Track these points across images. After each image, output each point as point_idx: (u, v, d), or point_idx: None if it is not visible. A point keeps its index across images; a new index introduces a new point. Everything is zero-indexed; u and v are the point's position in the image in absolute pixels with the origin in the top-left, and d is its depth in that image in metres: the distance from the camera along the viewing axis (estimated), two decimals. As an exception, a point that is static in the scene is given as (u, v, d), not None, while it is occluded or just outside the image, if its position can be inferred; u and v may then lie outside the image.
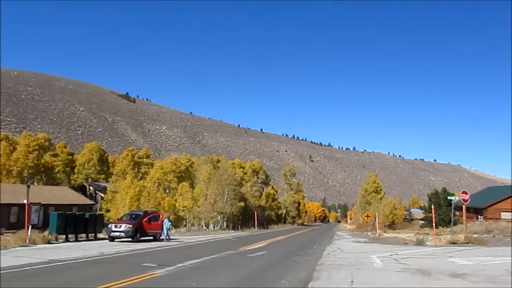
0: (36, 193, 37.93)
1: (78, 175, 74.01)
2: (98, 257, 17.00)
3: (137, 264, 14.55)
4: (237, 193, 61.11)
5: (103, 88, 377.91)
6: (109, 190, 61.05)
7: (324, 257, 18.19)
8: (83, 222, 27.80)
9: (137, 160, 76.62)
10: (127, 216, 29.55)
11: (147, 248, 22.22)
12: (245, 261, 16.90)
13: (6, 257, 15.97)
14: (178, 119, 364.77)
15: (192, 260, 15.73)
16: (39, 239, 23.66)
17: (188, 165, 69.68)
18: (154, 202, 50.56)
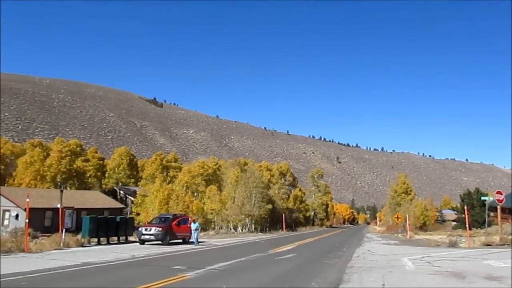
0: (69, 198, 38.99)
1: (109, 179, 75.55)
2: (129, 260, 17.30)
3: (168, 266, 14.73)
4: (265, 195, 61.10)
5: (132, 93, 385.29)
6: (138, 194, 62.04)
7: (354, 260, 17.98)
8: (115, 226, 28.33)
9: (165, 164, 77.69)
10: (157, 220, 29.94)
11: (177, 251, 22.47)
12: (274, 263, 16.87)
13: (41, 260, 16.46)
14: (205, 122, 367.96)
15: (221, 262, 15.82)
16: (73, 242, 24.24)
17: (215, 168, 70.13)
18: (182, 205, 51.07)
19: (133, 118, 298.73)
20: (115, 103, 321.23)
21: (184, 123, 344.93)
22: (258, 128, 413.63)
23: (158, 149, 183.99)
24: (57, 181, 62.21)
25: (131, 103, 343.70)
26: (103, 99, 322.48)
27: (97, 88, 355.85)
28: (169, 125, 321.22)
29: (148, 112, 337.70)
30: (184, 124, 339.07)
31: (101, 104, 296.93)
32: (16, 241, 20.86)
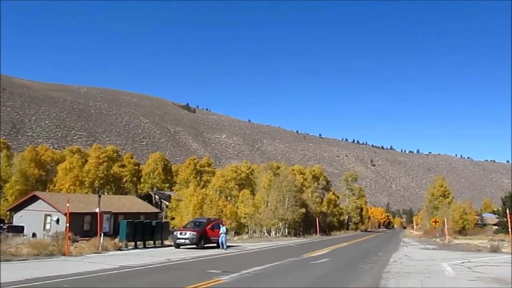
0: (106, 202, 39.97)
1: (144, 184, 77.05)
2: (165, 263, 17.59)
3: (203, 270, 14.89)
4: (298, 199, 60.78)
5: (165, 100, 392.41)
6: (173, 199, 62.96)
7: (391, 265, 17.64)
8: (150, 230, 28.85)
9: (199, 169, 78.59)
10: (191, 224, 30.30)
11: (211, 255, 22.66)
12: (309, 268, 16.76)
13: (82, 263, 16.96)
14: (237, 127, 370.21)
15: (255, 267, 15.85)
16: (111, 246, 24.85)
17: (248, 172, 70.35)
18: (216, 209, 51.47)
19: (167, 124, 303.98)
20: (150, 110, 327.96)
21: (217, 128, 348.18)
22: (290, 131, 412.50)
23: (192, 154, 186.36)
24: (95, 187, 63.87)
25: (164, 109, 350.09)
26: (137, 106, 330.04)
27: (132, 95, 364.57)
28: (202, 130, 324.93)
29: (182, 117, 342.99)
30: (216, 129, 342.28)
31: (136, 110, 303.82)
32: (57, 245, 21.59)
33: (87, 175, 63.64)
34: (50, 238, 25.43)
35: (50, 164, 68.33)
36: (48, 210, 40.75)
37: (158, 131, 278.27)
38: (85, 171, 64.02)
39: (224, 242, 27.43)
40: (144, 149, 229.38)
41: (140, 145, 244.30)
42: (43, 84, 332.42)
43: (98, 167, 65.84)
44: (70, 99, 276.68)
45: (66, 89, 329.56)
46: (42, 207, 41.24)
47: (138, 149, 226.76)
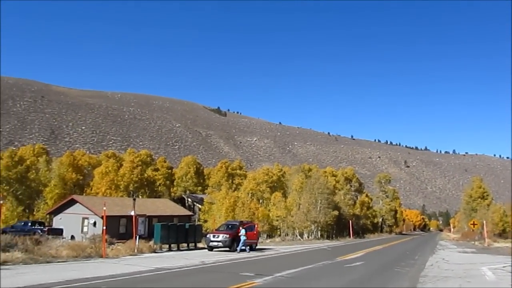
0: (141, 206, 40.74)
1: (177, 187, 78.07)
2: (199, 266, 17.76)
3: (236, 273, 14.94)
4: (330, 201, 60.21)
5: (196, 104, 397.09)
6: (205, 201, 63.50)
7: (428, 268, 17.20)
8: (184, 232, 29.20)
9: (230, 172, 79.01)
10: (224, 226, 30.47)
11: (244, 257, 22.71)
12: (343, 271, 16.56)
13: (118, 265, 17.34)
14: (268, 130, 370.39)
15: (288, 269, 15.78)
16: (146, 248, 25.31)
17: (279, 175, 70.21)
18: (248, 212, 51.59)
19: (199, 127, 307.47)
20: (181, 114, 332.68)
21: (248, 130, 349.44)
22: (322, 133, 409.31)
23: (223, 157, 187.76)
24: (129, 190, 65.22)
25: (196, 113, 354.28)
26: (170, 110, 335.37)
27: (164, 100, 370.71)
28: (233, 133, 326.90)
29: (213, 121, 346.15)
30: (247, 132, 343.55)
31: (168, 115, 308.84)
32: (95, 247, 22.17)
33: (122, 179, 64.97)
34: (87, 241, 26.12)
35: (87, 168, 70.25)
36: (86, 213, 41.87)
37: (190, 134, 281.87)
38: (120, 175, 65.38)
39: (241, 245, 27.31)
40: (176, 153, 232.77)
41: (172, 149, 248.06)
42: (79, 91, 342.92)
43: (133, 171, 67.12)
44: (105, 105, 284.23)
45: (101, 95, 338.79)
46: (80, 211, 42.41)
47: (170, 153, 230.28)
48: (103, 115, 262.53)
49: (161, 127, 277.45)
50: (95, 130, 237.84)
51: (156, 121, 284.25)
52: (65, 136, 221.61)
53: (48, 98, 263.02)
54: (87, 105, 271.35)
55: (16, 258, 17.09)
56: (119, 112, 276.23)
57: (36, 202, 57.72)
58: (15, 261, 16.62)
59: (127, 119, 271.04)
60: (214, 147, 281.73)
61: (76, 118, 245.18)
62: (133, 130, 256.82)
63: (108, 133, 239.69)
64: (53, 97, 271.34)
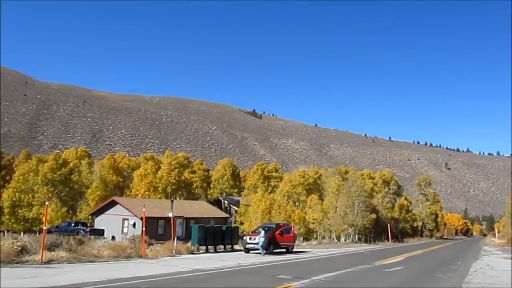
0: (178, 207, 41.38)
1: (214, 189, 78.83)
2: (236, 267, 17.83)
3: (273, 275, 14.91)
4: (368, 204, 59.20)
5: (232, 107, 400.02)
6: (242, 204, 63.79)
7: (471, 275, 16.58)
8: (221, 234, 29.43)
9: (266, 174, 79.09)
10: (260, 229, 30.46)
11: (281, 260, 22.63)
12: (382, 276, 16.22)
13: (157, 265, 17.67)
14: (303, 132, 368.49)
15: (326, 273, 15.59)
16: (183, 249, 25.66)
17: (316, 177, 69.71)
18: (284, 214, 51.46)
19: (234, 130, 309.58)
20: (217, 117, 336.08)
21: (283, 133, 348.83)
22: (358, 135, 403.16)
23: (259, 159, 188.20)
24: (167, 192, 66.44)
25: (232, 116, 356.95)
26: (206, 113, 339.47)
27: (200, 103, 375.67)
28: (269, 136, 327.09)
29: (248, 123, 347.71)
30: (283, 134, 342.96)
31: (204, 118, 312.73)
32: (134, 248, 22.68)
33: (160, 181, 66.26)
34: (128, 241, 26.75)
35: (126, 170, 72.10)
36: (126, 214, 42.93)
37: (226, 137, 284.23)
38: (158, 177, 66.70)
39: (260, 246, 26.92)
40: (212, 155, 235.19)
41: (209, 151, 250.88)
42: (119, 95, 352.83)
43: (170, 173, 68.33)
44: (143, 109, 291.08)
45: (140, 99, 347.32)
46: (120, 212, 43.53)
47: (207, 155, 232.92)
48: (141, 118, 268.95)
49: (197, 130, 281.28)
50: (134, 133, 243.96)
51: (192, 124, 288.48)
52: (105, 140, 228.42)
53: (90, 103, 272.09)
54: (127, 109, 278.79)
55: (61, 257, 17.71)
56: (157, 116, 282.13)
57: (79, 203, 59.66)
58: (60, 260, 17.23)
59: (164, 122, 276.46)
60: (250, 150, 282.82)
61: (116, 122, 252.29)
62: (171, 133, 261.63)
63: (146, 136, 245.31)
64: (95, 102, 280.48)
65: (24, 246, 18.08)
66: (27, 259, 16.53)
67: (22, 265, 15.37)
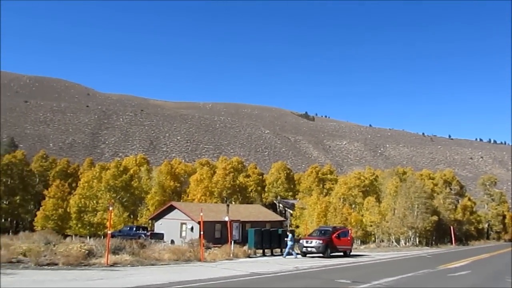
0: (234, 211, 41.85)
1: (268, 193, 79.16)
2: (294, 271, 17.77)
3: (332, 280, 14.72)
4: (428, 206, 56.91)
5: (284, 110, 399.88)
6: (297, 207, 63.55)
7: (546, 280, 15.50)
8: (277, 238, 29.42)
9: (321, 177, 78.36)
10: (317, 232, 30.20)
11: (339, 263, 22.30)
12: (447, 281, 15.55)
13: (215, 269, 17.96)
14: (357, 132, 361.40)
15: (386, 277, 15.17)
16: (240, 253, 25.92)
17: (372, 179, 68.14)
18: (340, 217, 50.72)
19: (287, 133, 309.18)
20: (270, 120, 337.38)
21: (337, 134, 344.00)
22: (416, 134, 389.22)
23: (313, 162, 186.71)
24: (223, 196, 67.53)
25: (284, 119, 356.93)
26: (258, 117, 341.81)
27: (253, 107, 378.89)
28: (322, 138, 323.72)
29: (301, 126, 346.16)
30: (336, 136, 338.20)
31: (257, 122, 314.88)
32: (193, 251, 23.22)
33: (215, 186, 67.47)
34: (186, 245, 27.44)
35: (183, 176, 74.07)
36: (184, 218, 44.05)
37: (279, 140, 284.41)
38: (214, 182, 67.95)
39: (288, 251, 26.85)
40: (266, 159, 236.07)
41: (262, 155, 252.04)
42: (174, 103, 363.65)
43: (225, 177, 69.40)
44: (197, 115, 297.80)
45: (194, 106, 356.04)
46: (178, 216, 44.74)
47: (260, 159, 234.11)
48: (196, 125, 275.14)
49: (250, 134, 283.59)
50: (189, 140, 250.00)
51: (245, 128, 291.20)
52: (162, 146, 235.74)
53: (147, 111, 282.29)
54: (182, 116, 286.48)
55: (124, 260, 18.48)
56: (211, 122, 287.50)
57: (139, 208, 62.01)
58: (124, 263, 17.98)
59: (218, 127, 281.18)
60: (303, 152, 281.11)
61: (172, 129, 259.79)
62: (224, 138, 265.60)
63: (201, 142, 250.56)
64: (151, 110, 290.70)
65: (90, 249, 19.01)
66: (94, 262, 17.38)
67: (90, 268, 16.17)
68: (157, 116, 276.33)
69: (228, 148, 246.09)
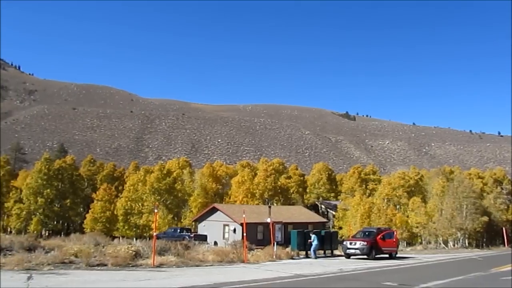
0: (276, 213, 41.84)
1: (310, 194, 78.62)
2: (338, 273, 17.52)
3: (378, 282, 14.41)
4: (478, 206, 54.69)
5: (324, 110, 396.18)
6: (339, 208, 62.75)
7: None
8: (320, 239, 29.13)
9: (363, 177, 77.03)
10: (361, 234, 29.69)
11: (384, 266, 21.79)
12: (500, 284, 14.86)
13: (259, 270, 17.98)
14: (400, 131, 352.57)
15: (435, 280, 14.67)
16: (283, 254, 25.85)
17: (417, 178, 66.26)
18: (385, 218, 49.68)
19: (328, 133, 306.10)
20: (310, 121, 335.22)
21: (379, 134, 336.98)
22: (462, 132, 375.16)
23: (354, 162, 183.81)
24: (264, 198, 67.62)
25: (324, 119, 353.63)
26: (298, 118, 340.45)
27: (292, 108, 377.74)
28: (364, 137, 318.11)
29: (342, 126, 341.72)
30: (379, 135, 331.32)
31: (297, 123, 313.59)
32: (236, 253, 23.37)
33: (257, 187, 67.70)
34: (229, 247, 27.66)
35: (224, 178, 74.84)
36: (226, 220, 44.50)
37: (319, 141, 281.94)
38: (255, 183, 68.21)
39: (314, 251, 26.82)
40: (307, 160, 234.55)
41: (303, 156, 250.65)
42: (215, 106, 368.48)
43: (266, 179, 69.51)
44: (238, 117, 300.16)
45: (234, 108, 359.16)
46: (221, 218, 45.23)
47: (301, 160, 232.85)
48: (236, 127, 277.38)
49: (291, 135, 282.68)
50: (230, 142, 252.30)
51: (285, 129, 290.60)
52: (204, 149, 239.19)
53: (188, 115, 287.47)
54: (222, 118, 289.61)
55: (170, 261, 18.85)
56: (251, 123, 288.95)
57: (182, 210, 63.17)
58: (169, 264, 18.34)
59: (258, 129, 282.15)
60: (345, 153, 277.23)
61: (213, 132, 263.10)
62: (265, 140, 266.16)
63: (241, 144, 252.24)
64: (192, 114, 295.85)
65: (137, 251, 19.53)
66: (141, 263, 17.83)
67: (137, 269, 16.60)
68: (198, 119, 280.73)
69: (268, 150, 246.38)
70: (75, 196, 69.27)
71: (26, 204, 63.67)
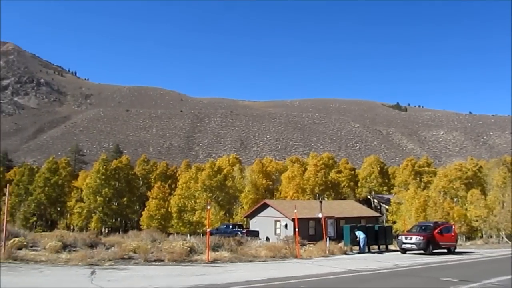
0: (327, 208, 41.41)
1: (362, 188, 77.21)
2: (393, 269, 17.14)
3: (436, 278, 13.95)
4: (544, 198, 51.52)
5: (374, 102, 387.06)
6: (393, 202, 61.22)
7: None
8: (373, 234, 28.57)
9: (417, 170, 74.64)
10: (416, 228, 28.79)
11: (442, 261, 21.05)
12: None
13: (312, 265, 17.93)
14: (456, 121, 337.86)
15: (499, 276, 13.99)
16: (336, 250, 25.58)
17: (475, 170, 63.32)
18: (441, 212, 47.90)
19: (378, 126, 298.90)
20: (359, 114, 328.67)
21: (433, 124, 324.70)
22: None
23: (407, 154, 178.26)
24: (315, 193, 67.20)
25: (374, 112, 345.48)
26: (347, 111, 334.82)
27: (341, 102, 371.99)
28: (416, 129, 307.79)
29: (393, 118, 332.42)
30: (432, 126, 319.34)
31: (346, 116, 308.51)
32: (289, 248, 23.39)
33: (307, 182, 67.36)
34: (281, 242, 27.72)
35: (274, 174, 75.06)
36: (277, 216, 44.63)
37: (369, 134, 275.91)
38: (305, 178, 67.91)
39: (363, 246, 26.70)
40: (357, 154, 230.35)
41: (353, 149, 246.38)
42: (262, 102, 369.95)
43: (317, 174, 69.00)
44: (285, 113, 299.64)
45: (281, 104, 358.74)
46: (272, 214, 45.43)
47: (351, 154, 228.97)
48: (284, 122, 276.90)
49: (340, 129, 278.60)
50: (279, 138, 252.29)
51: (334, 123, 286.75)
52: (253, 146, 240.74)
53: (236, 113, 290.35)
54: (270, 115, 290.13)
55: (224, 256, 19.19)
56: (299, 119, 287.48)
57: (234, 207, 64.02)
58: (223, 260, 18.67)
59: (306, 124, 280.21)
60: (397, 145, 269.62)
61: (261, 128, 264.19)
62: (313, 135, 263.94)
63: (290, 139, 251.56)
64: (241, 111, 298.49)
65: (192, 247, 20.03)
66: (196, 259, 18.28)
67: (192, 264, 17.04)
68: (247, 116, 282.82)
69: (317, 144, 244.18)
70: (131, 195, 71.93)
71: (86, 203, 66.95)
